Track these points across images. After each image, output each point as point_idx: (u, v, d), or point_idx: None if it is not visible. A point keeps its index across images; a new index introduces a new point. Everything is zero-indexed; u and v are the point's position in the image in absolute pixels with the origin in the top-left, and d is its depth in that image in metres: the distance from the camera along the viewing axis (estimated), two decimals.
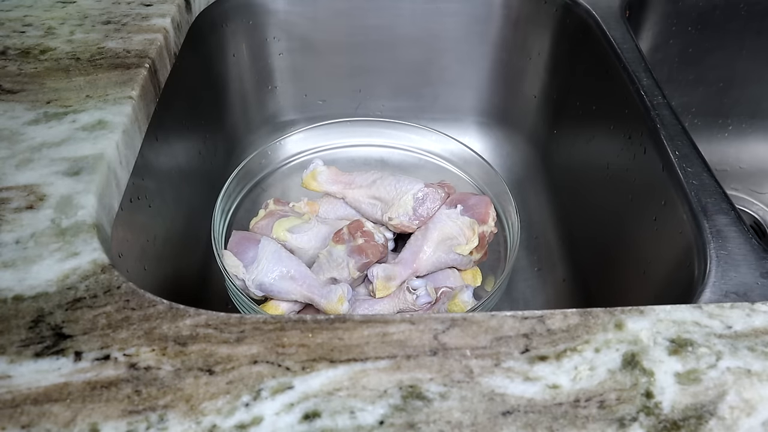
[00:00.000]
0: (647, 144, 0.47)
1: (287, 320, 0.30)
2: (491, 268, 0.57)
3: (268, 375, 0.27)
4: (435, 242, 0.52)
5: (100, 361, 0.28)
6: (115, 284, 0.31)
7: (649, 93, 0.49)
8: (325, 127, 0.65)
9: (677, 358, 0.28)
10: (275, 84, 0.70)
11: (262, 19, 0.65)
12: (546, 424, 0.26)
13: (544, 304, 0.58)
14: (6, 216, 0.35)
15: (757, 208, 0.72)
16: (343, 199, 0.58)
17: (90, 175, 0.37)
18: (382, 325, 0.30)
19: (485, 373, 0.28)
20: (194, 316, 0.30)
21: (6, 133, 0.40)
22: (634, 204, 0.49)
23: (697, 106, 0.72)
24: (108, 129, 0.41)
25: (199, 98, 0.60)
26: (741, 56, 0.68)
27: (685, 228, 0.40)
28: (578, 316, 0.30)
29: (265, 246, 0.51)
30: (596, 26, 0.57)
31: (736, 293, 0.34)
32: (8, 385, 0.27)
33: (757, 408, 0.27)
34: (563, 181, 0.65)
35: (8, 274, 0.32)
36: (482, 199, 0.54)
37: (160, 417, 0.26)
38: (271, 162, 0.63)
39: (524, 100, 0.69)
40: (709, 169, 0.43)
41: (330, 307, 0.48)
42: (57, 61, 0.47)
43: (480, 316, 0.30)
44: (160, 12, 0.53)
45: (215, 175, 0.62)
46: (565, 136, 0.65)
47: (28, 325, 0.29)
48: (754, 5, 0.65)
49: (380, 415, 0.26)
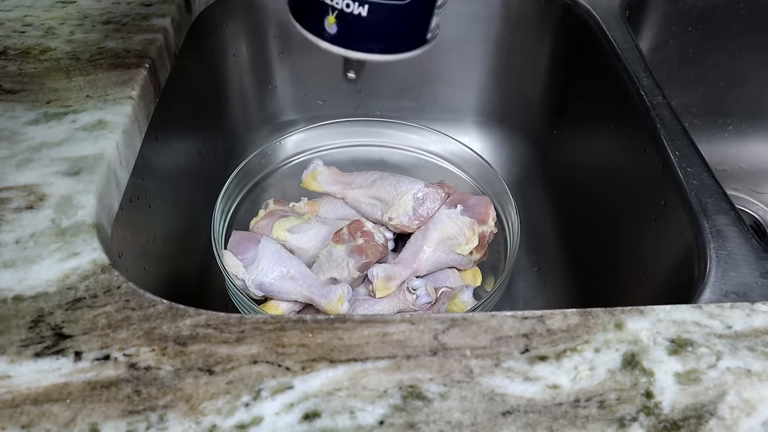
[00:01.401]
0: (647, 144, 0.47)
1: (287, 320, 0.30)
2: (491, 268, 0.57)
3: (268, 375, 0.27)
4: (435, 242, 0.52)
5: (100, 361, 0.28)
6: (115, 284, 0.31)
7: (649, 93, 0.49)
8: (325, 127, 0.65)
9: (677, 358, 0.28)
10: (275, 84, 0.70)
11: (262, 19, 0.65)
12: (546, 424, 0.26)
13: (544, 304, 0.58)
14: (6, 216, 0.35)
15: (757, 208, 0.72)
16: (343, 199, 0.58)
17: (90, 175, 0.37)
18: (382, 325, 0.30)
19: (485, 373, 0.28)
20: (194, 316, 0.30)
21: (6, 133, 0.40)
22: (634, 204, 0.49)
23: (697, 106, 0.72)
24: (108, 129, 0.41)
25: (199, 98, 0.60)
26: (741, 56, 0.68)
27: (685, 228, 0.40)
28: (578, 316, 0.30)
29: (265, 246, 0.51)
30: (596, 26, 0.57)
31: (736, 293, 0.34)
32: (8, 385, 0.27)
33: (757, 408, 0.27)
34: (563, 181, 0.65)
35: (8, 274, 0.32)
36: (482, 199, 0.54)
37: (160, 417, 0.26)
38: (271, 162, 0.63)
39: (524, 100, 0.69)
40: (709, 169, 0.43)
41: (330, 307, 0.48)
42: (57, 61, 0.47)
43: (480, 316, 0.30)
44: (160, 12, 0.53)
45: (215, 175, 0.62)
46: (565, 136, 0.65)
47: (28, 325, 0.29)
48: (754, 5, 0.65)
49: (380, 415, 0.26)
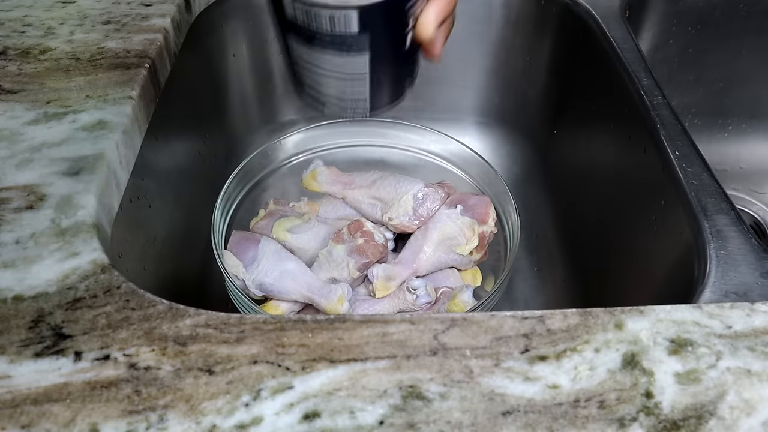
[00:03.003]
0: (647, 144, 0.47)
1: (287, 320, 0.30)
2: (491, 268, 0.57)
3: (268, 375, 0.27)
4: (435, 242, 0.52)
5: (100, 361, 0.28)
6: (115, 284, 0.31)
7: (649, 93, 0.49)
8: (325, 127, 0.65)
9: (677, 358, 0.28)
10: (275, 84, 0.70)
11: (262, 19, 0.65)
12: (546, 424, 0.26)
13: (544, 304, 0.58)
14: (6, 216, 0.35)
15: (757, 208, 0.72)
16: (343, 200, 0.58)
17: (90, 175, 0.37)
18: (382, 325, 0.30)
19: (485, 373, 0.28)
20: (194, 316, 0.30)
21: (6, 133, 0.40)
22: (634, 204, 0.49)
23: (697, 106, 0.72)
24: (108, 129, 0.41)
25: (199, 98, 0.60)
26: (741, 56, 0.68)
27: (685, 228, 0.40)
28: (578, 316, 0.30)
29: (265, 246, 0.51)
30: (596, 26, 0.57)
31: (736, 293, 0.34)
32: (8, 385, 0.27)
33: (757, 408, 0.27)
34: (563, 181, 0.65)
35: (8, 274, 0.32)
36: (482, 199, 0.54)
37: (160, 417, 0.26)
38: (271, 162, 0.63)
39: (524, 100, 0.69)
40: (709, 169, 0.43)
41: (330, 307, 0.48)
42: (57, 61, 0.47)
43: (480, 316, 0.30)
44: (160, 12, 0.53)
45: (215, 175, 0.62)
46: (565, 136, 0.65)
47: (28, 325, 0.29)
48: (754, 5, 0.65)
49: (380, 415, 0.26)
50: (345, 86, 0.35)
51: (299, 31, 0.32)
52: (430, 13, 0.33)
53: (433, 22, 0.33)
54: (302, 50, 0.33)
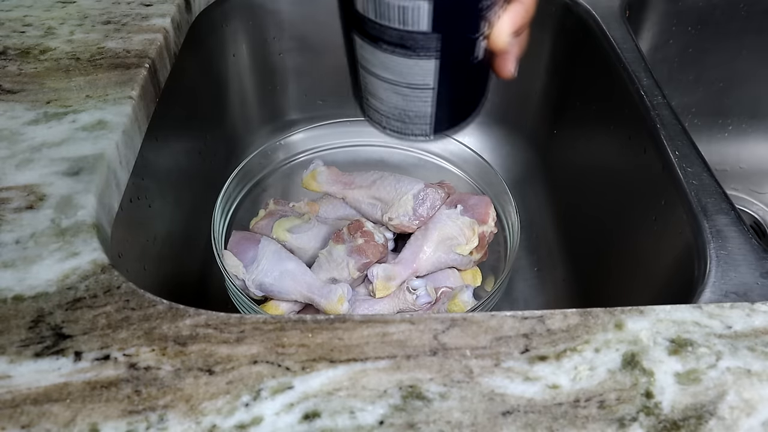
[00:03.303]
0: (647, 144, 0.47)
1: (287, 320, 0.30)
2: (491, 268, 0.57)
3: (268, 375, 0.27)
4: (435, 242, 0.52)
5: (100, 361, 0.28)
6: (115, 284, 0.31)
7: (649, 93, 0.49)
8: (325, 127, 0.65)
9: (677, 358, 0.28)
10: (275, 84, 0.70)
11: (262, 19, 0.65)
12: (546, 424, 0.26)
13: (544, 304, 0.58)
14: (6, 216, 0.35)
15: (757, 208, 0.72)
16: (343, 200, 0.58)
17: (90, 175, 0.37)
18: (382, 325, 0.30)
19: (485, 373, 0.28)
20: (194, 316, 0.30)
21: (6, 133, 0.40)
22: (634, 204, 0.49)
23: (697, 106, 0.72)
24: (108, 129, 0.41)
25: (199, 98, 0.60)
26: (741, 56, 0.68)
27: (685, 228, 0.40)
28: (578, 316, 0.30)
29: (265, 246, 0.51)
30: (596, 26, 0.57)
31: (736, 293, 0.34)
32: (8, 385, 0.27)
33: (757, 408, 0.27)
34: (563, 181, 0.65)
35: (8, 274, 0.32)
36: (482, 199, 0.54)
37: (160, 417, 0.26)
38: (271, 162, 0.63)
39: (524, 100, 0.69)
40: (709, 169, 0.43)
41: (330, 307, 0.48)
42: (57, 61, 0.47)
43: (480, 316, 0.30)
44: (160, 12, 0.53)
45: (215, 175, 0.62)
46: (565, 136, 0.65)
47: (28, 325, 0.29)
48: (754, 5, 0.65)
49: (380, 415, 0.26)
50: (408, 99, 0.32)
51: (367, 27, 0.29)
52: (506, 20, 0.30)
53: (508, 30, 0.30)
54: (367, 51, 0.31)
